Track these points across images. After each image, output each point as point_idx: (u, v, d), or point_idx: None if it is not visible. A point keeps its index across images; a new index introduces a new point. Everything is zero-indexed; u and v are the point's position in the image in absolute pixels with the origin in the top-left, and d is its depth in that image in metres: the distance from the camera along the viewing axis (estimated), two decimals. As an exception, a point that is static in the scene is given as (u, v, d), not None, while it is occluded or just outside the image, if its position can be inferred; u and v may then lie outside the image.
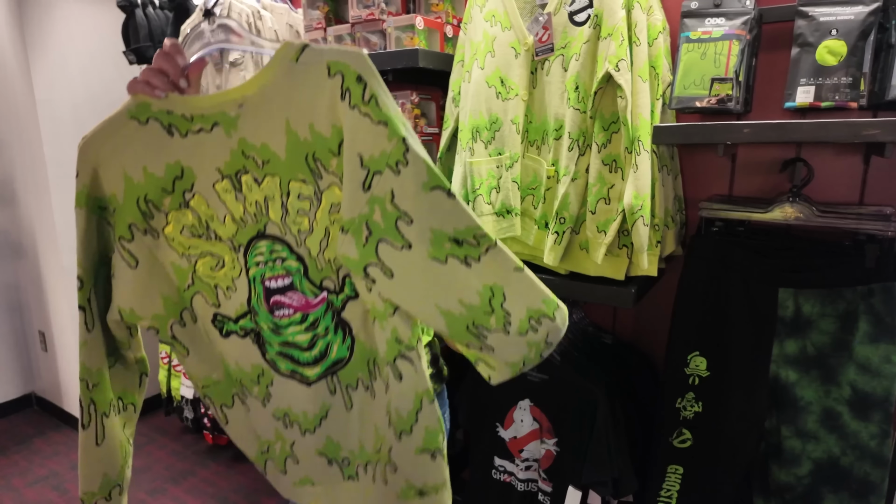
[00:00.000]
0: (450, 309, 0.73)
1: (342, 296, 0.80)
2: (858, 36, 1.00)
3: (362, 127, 0.69)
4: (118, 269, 0.80)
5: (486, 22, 1.31)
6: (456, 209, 0.73)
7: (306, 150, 0.74)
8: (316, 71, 0.71)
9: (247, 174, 0.76)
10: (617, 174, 1.16)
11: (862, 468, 1.08)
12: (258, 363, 0.85)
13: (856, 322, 1.06)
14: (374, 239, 0.72)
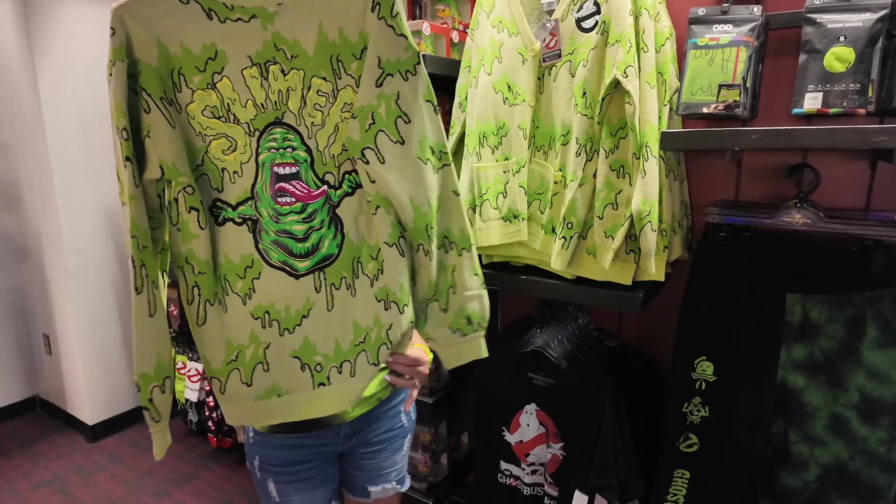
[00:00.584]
0: (419, 204, 0.89)
1: (339, 192, 0.90)
2: (866, 43, 1.00)
3: (386, 35, 0.83)
4: (157, 128, 0.82)
5: (494, 28, 1.32)
6: (438, 123, 0.91)
7: (332, 52, 0.84)
8: None
9: (275, 65, 0.84)
10: (625, 179, 1.17)
11: (870, 473, 1.08)
12: (249, 253, 0.88)
13: (864, 328, 1.07)
14: (375, 128, 0.86)
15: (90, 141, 2.54)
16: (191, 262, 0.87)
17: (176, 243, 0.88)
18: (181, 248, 0.87)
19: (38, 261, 2.70)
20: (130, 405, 2.83)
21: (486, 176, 1.34)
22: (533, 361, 1.45)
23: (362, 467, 1.17)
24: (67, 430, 2.80)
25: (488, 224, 1.36)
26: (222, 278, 0.89)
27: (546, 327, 1.47)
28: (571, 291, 1.30)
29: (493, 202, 1.35)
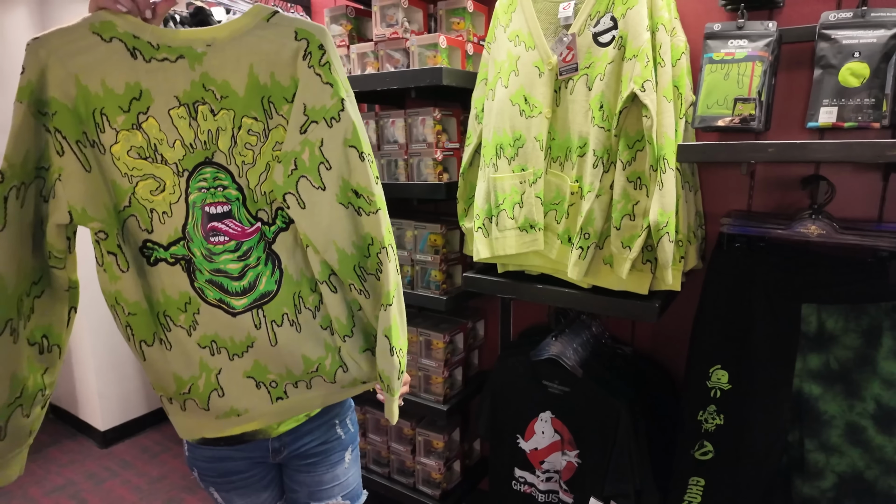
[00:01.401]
0: (343, 248, 0.92)
1: (274, 227, 0.91)
2: (881, 58, 1.02)
3: (312, 83, 0.86)
4: (69, 171, 0.80)
5: (511, 42, 1.35)
6: (363, 168, 0.91)
7: (263, 93, 0.86)
8: (284, 32, 0.85)
9: (204, 105, 0.85)
10: (641, 191, 1.19)
11: (886, 482, 1.09)
12: (186, 291, 0.89)
13: (880, 338, 1.08)
14: (297, 173, 0.88)
15: (104, 149, 2.57)
16: (120, 302, 0.87)
17: (104, 283, 0.87)
18: (109, 288, 0.87)
19: (51, 267, 2.73)
20: (142, 411, 2.84)
21: (503, 186, 1.37)
22: (548, 369, 1.47)
23: (301, 481, 1.13)
24: (79, 435, 2.81)
25: (504, 234, 1.38)
26: (162, 315, 0.89)
27: (561, 336, 1.48)
28: (588, 300, 1.32)
29: (509, 212, 1.37)
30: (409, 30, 1.55)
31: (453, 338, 1.73)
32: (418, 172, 1.62)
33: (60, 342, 0.89)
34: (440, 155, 1.57)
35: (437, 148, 1.56)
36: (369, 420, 1.92)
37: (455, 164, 1.63)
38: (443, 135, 1.59)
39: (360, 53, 1.62)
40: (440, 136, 1.58)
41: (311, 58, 0.85)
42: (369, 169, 0.91)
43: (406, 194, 1.60)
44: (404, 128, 1.60)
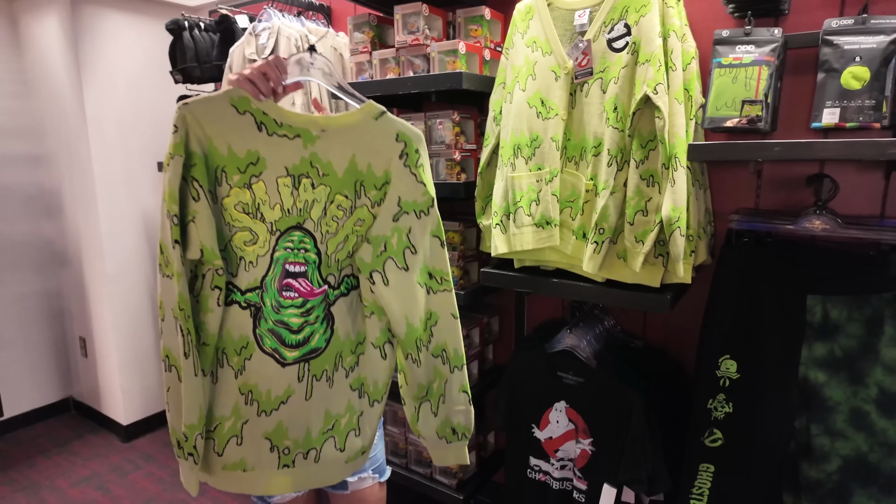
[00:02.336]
0: (412, 321, 1.04)
1: (337, 292, 1.03)
2: (881, 62, 1.09)
3: (408, 180, 1.02)
4: (202, 215, 0.94)
5: (528, 48, 1.42)
6: (442, 255, 1.07)
7: (357, 178, 1.01)
8: (388, 132, 1.01)
9: (307, 178, 0.99)
10: (654, 188, 1.25)
11: (889, 464, 1.14)
12: (246, 335, 0.99)
13: (881, 326, 1.14)
14: (385, 255, 1.02)
15: (130, 153, 2.66)
16: (200, 331, 0.98)
17: (195, 310, 0.98)
18: (198, 317, 0.98)
19: (76, 266, 2.82)
20: (163, 406, 2.92)
21: (520, 185, 1.43)
22: (563, 361, 1.53)
23: None
24: (101, 430, 2.90)
25: (522, 230, 1.44)
26: (220, 351, 1.00)
27: (575, 328, 1.55)
28: (602, 293, 1.38)
29: (526, 209, 1.43)
30: (429, 37, 1.62)
31: (469, 332, 1.80)
32: (437, 173, 1.69)
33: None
34: (458, 156, 1.64)
35: (455, 149, 1.63)
36: (387, 412, 1.98)
37: (472, 164, 1.70)
38: (461, 137, 1.66)
39: (381, 59, 1.70)
40: (458, 137, 1.65)
41: (407, 158, 1.01)
42: (447, 255, 1.08)
43: (426, 193, 1.67)
44: (424, 130, 1.68)
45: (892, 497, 1.15)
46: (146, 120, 2.69)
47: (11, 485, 2.42)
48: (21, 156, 2.79)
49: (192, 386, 0.95)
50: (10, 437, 2.82)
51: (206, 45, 2.25)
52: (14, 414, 2.86)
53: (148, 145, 2.71)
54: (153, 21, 2.65)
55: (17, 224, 2.80)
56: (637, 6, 1.25)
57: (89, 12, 2.46)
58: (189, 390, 0.95)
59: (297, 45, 1.85)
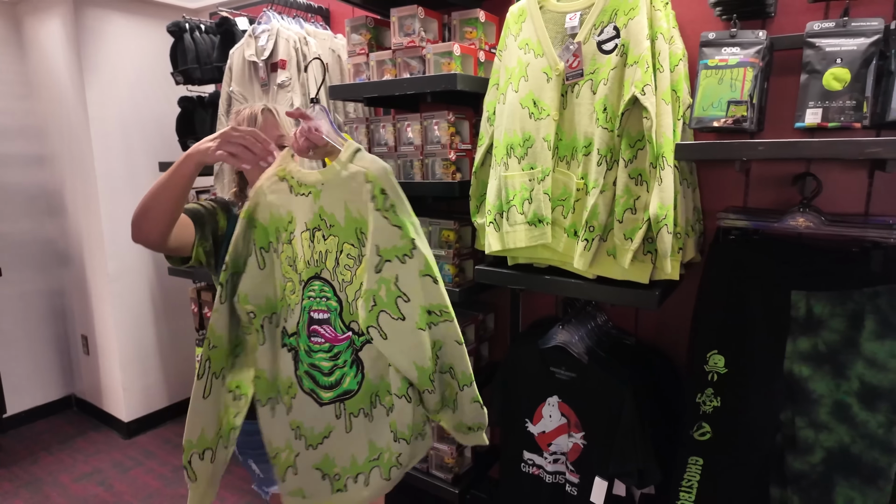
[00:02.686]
0: (422, 364, 1.04)
1: (363, 338, 1.05)
2: (861, 64, 1.12)
3: (382, 226, 0.99)
4: (250, 268, 1.07)
5: (521, 50, 1.45)
6: (437, 290, 1.03)
7: (356, 225, 1.03)
8: (360, 175, 1.01)
9: (319, 231, 1.05)
10: (642, 187, 1.28)
11: (871, 455, 1.17)
12: (290, 376, 1.09)
13: (863, 321, 1.17)
14: (377, 309, 1.01)
15: (132, 153, 2.70)
16: (253, 366, 1.09)
17: (247, 349, 1.11)
18: (251, 352, 1.10)
19: (78, 265, 2.85)
20: (164, 403, 2.96)
21: (513, 184, 1.46)
22: (555, 356, 1.56)
23: None
24: (103, 427, 2.93)
25: (515, 228, 1.48)
26: (277, 389, 1.11)
27: (568, 325, 1.58)
28: (593, 290, 1.41)
29: (519, 208, 1.46)
30: (425, 39, 1.65)
31: (465, 329, 1.83)
32: (432, 172, 1.72)
33: (246, 393, 1.11)
34: (453, 155, 1.68)
35: (450, 149, 1.67)
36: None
37: (467, 164, 1.73)
38: (456, 137, 1.69)
39: (378, 61, 1.73)
40: (453, 137, 1.68)
41: (376, 201, 0.99)
42: (442, 288, 1.04)
43: (421, 193, 1.70)
44: (420, 130, 1.71)
45: (873, 487, 1.18)
46: (148, 120, 2.73)
47: (14, 480, 2.46)
48: (24, 156, 2.83)
49: (197, 407, 1.04)
50: (13, 434, 2.86)
51: (207, 46, 2.29)
52: (17, 411, 2.90)
53: (149, 145, 2.75)
54: (155, 23, 2.69)
55: (20, 223, 2.84)
56: (626, 9, 1.28)
57: (92, 14, 2.49)
58: (194, 409, 1.04)
59: (296, 46, 1.88)
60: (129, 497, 2.33)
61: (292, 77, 1.88)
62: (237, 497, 2.31)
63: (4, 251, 2.78)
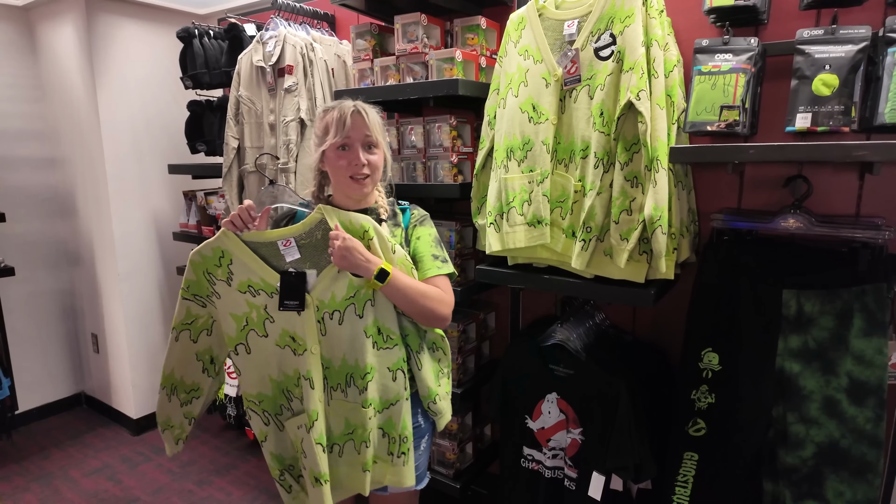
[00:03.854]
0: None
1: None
2: (849, 70, 1.15)
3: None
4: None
5: (520, 56, 1.49)
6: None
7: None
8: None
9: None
10: (638, 189, 1.32)
11: (859, 449, 1.21)
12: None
13: (851, 319, 1.20)
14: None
15: (142, 156, 2.76)
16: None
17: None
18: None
19: (89, 265, 2.91)
20: (171, 401, 3.01)
21: (513, 186, 1.51)
22: (554, 354, 1.60)
23: None
24: (112, 424, 2.99)
25: (514, 229, 1.52)
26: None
27: (566, 323, 1.61)
28: (590, 289, 1.45)
29: (518, 209, 1.51)
30: (427, 45, 1.70)
31: (466, 327, 1.87)
32: (435, 174, 1.76)
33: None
34: (455, 158, 1.72)
35: (452, 152, 1.71)
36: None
37: (469, 166, 1.78)
38: (458, 140, 1.74)
39: (382, 66, 1.78)
40: (455, 141, 1.73)
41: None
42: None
43: (423, 194, 1.75)
44: (422, 134, 1.75)
45: (862, 481, 1.21)
46: (158, 124, 2.79)
47: (26, 475, 2.51)
48: (37, 158, 2.89)
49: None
50: (25, 431, 2.91)
51: (216, 52, 2.34)
52: (28, 408, 2.95)
53: (159, 148, 2.81)
54: (165, 29, 2.75)
55: (33, 224, 2.91)
56: (622, 17, 1.32)
57: (103, 20, 2.55)
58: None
59: (302, 52, 1.93)
60: (138, 491, 2.38)
61: (299, 82, 1.93)
62: (243, 492, 2.36)
63: (17, 251, 2.84)
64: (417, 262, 1.31)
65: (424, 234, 1.35)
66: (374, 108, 1.30)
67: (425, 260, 1.31)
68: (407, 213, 1.38)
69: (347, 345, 1.24)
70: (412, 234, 1.35)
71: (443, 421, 1.41)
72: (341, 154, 1.25)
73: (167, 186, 2.86)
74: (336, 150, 1.25)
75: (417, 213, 1.38)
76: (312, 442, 1.24)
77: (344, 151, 1.25)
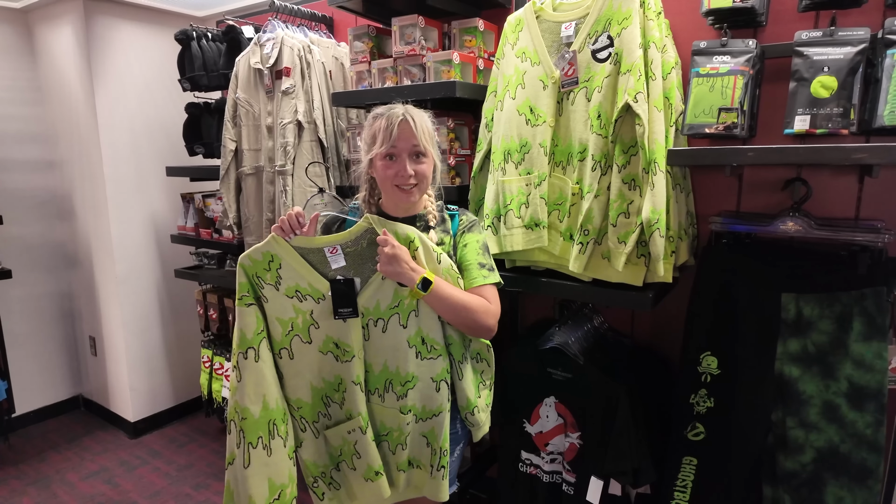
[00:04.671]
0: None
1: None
2: (847, 72, 1.15)
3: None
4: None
5: (518, 58, 1.49)
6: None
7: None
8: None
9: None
10: (635, 191, 1.32)
11: (859, 454, 1.20)
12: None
13: (851, 322, 1.19)
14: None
15: (140, 158, 2.75)
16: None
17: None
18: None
19: (87, 268, 2.91)
20: (170, 403, 3.00)
21: (511, 188, 1.50)
22: (552, 358, 1.59)
23: None
24: (110, 427, 2.97)
25: (512, 231, 1.51)
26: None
27: (564, 327, 1.60)
28: (588, 292, 1.44)
29: (516, 212, 1.50)
30: (425, 47, 1.70)
31: (465, 331, 1.86)
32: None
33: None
34: (453, 161, 1.71)
35: (450, 154, 1.70)
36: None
37: (467, 169, 1.77)
38: (455, 142, 1.73)
39: (380, 69, 1.78)
40: (453, 143, 1.72)
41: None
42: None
43: (422, 197, 1.74)
44: (420, 136, 1.74)
45: (862, 486, 1.20)
46: (156, 126, 2.78)
47: (23, 478, 2.50)
48: (35, 161, 2.89)
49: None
50: (22, 433, 2.90)
51: (214, 54, 2.34)
52: (26, 411, 2.94)
53: (157, 151, 2.80)
54: (163, 31, 2.74)
55: (31, 226, 2.90)
56: (619, 19, 1.32)
57: (102, 23, 2.55)
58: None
59: (300, 54, 1.93)
60: (135, 495, 2.37)
61: (296, 84, 1.93)
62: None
63: (15, 254, 2.83)
64: (464, 270, 1.29)
65: (472, 242, 1.31)
66: (424, 112, 1.27)
67: (472, 269, 1.28)
68: (455, 218, 1.35)
69: (390, 353, 1.24)
70: (460, 240, 1.32)
71: (479, 432, 1.38)
72: (388, 164, 1.23)
73: (165, 189, 2.85)
74: (383, 159, 1.23)
75: (466, 220, 1.35)
76: (368, 440, 1.25)
77: (391, 161, 1.23)
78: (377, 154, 1.23)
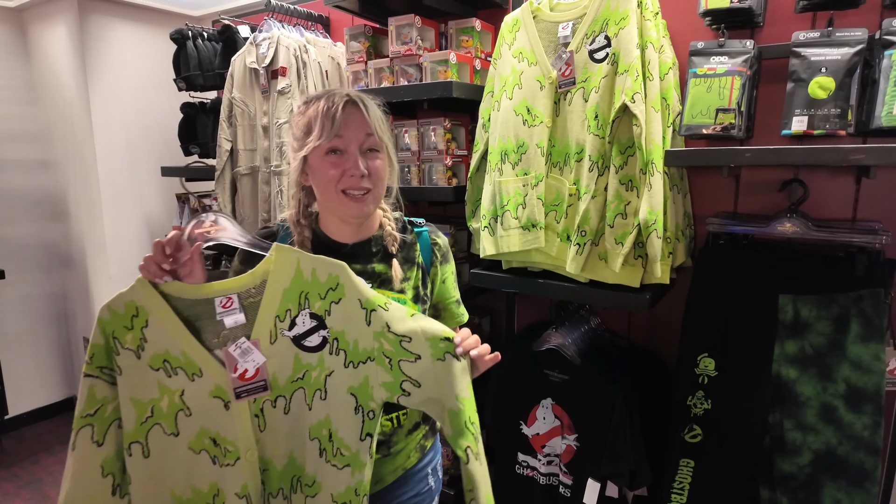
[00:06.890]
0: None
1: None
2: (845, 73, 1.14)
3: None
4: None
5: (515, 58, 1.48)
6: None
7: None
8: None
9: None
10: (633, 192, 1.31)
11: (857, 457, 1.19)
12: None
13: (848, 324, 1.19)
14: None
15: (134, 158, 2.74)
16: None
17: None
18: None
19: (81, 268, 2.89)
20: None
21: (507, 189, 1.49)
22: (549, 359, 1.58)
23: None
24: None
25: (509, 232, 1.50)
26: None
27: (561, 328, 1.60)
28: (585, 293, 1.43)
29: (513, 213, 1.49)
30: (421, 47, 1.69)
31: (461, 332, 1.84)
32: (429, 177, 1.75)
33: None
34: (450, 161, 1.71)
35: (446, 155, 1.70)
36: (382, 411, 2.03)
37: (463, 169, 1.76)
38: (452, 143, 1.72)
39: (376, 68, 1.77)
40: (450, 143, 1.71)
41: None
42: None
43: (418, 197, 1.73)
44: (417, 136, 1.74)
45: (860, 489, 1.20)
46: (150, 126, 2.77)
47: (15, 481, 2.48)
48: (28, 160, 2.87)
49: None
50: (15, 435, 2.88)
51: (209, 54, 2.33)
52: (19, 412, 2.92)
53: (152, 151, 2.79)
54: (158, 30, 2.73)
55: (24, 227, 2.88)
56: (616, 19, 1.31)
57: (96, 21, 2.54)
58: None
59: (296, 54, 1.92)
60: (129, 498, 2.35)
61: (292, 84, 1.92)
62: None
63: (8, 254, 2.81)
64: (441, 310, 1.10)
65: (449, 275, 1.10)
66: (374, 99, 0.99)
67: (451, 307, 1.10)
68: (424, 236, 1.08)
69: (297, 440, 0.91)
70: (437, 274, 1.08)
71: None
72: (331, 161, 0.93)
73: (160, 189, 2.84)
74: (323, 155, 0.93)
75: (441, 244, 1.09)
76: None
77: (335, 157, 0.94)
78: (315, 148, 0.92)
